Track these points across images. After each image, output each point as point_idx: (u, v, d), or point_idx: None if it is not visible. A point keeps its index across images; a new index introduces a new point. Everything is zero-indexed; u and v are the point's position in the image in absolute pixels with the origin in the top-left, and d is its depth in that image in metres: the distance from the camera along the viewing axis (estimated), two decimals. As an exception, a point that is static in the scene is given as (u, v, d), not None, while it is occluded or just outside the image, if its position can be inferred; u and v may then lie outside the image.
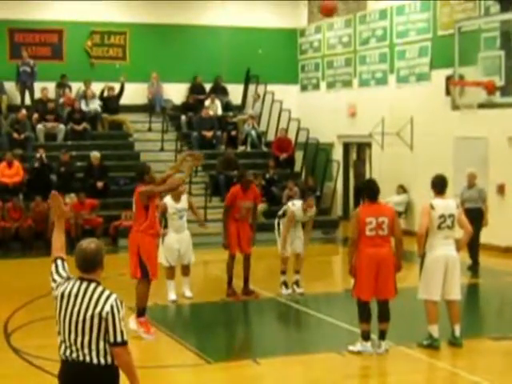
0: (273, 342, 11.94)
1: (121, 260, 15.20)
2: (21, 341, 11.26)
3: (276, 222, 14.37)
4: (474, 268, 16.55)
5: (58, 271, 5.64)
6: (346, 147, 25.23)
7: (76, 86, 24.69)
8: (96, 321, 5.34)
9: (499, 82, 16.14)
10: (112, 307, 5.38)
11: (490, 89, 16.01)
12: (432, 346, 10.47)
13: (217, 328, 12.54)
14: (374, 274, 10.18)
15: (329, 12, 20.84)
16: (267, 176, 22.82)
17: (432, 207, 10.50)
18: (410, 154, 21.70)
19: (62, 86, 24.73)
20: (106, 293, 5.46)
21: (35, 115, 23.29)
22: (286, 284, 14.23)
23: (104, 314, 5.34)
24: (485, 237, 18.78)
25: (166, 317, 12.68)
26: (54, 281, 5.58)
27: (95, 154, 21.80)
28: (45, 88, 23.97)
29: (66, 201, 20.20)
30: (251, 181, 14.23)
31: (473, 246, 15.98)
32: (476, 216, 15.49)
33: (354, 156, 25.31)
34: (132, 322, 11.29)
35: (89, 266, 5.50)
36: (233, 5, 26.31)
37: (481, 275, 15.72)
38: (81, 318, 5.37)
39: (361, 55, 24.36)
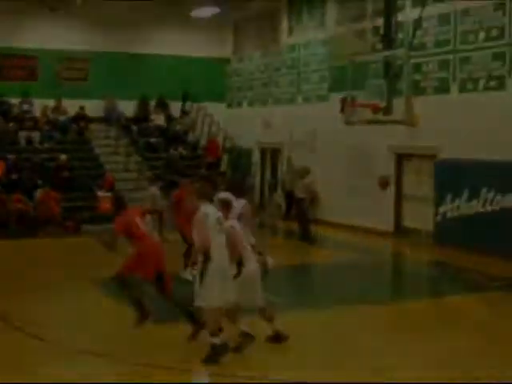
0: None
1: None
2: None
3: None
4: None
5: None
6: (263, 152, 25.42)
7: (47, 102, 24.35)
8: None
9: (382, 103, 16.43)
10: None
11: (375, 109, 16.23)
12: None
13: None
14: None
15: None
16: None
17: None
18: (312, 157, 21.82)
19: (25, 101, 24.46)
20: None
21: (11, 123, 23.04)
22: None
23: None
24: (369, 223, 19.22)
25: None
26: None
27: (62, 156, 21.63)
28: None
29: (35, 194, 19.94)
30: None
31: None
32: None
33: (268, 158, 25.48)
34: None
35: None
36: (173, 38, 26.16)
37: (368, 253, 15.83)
38: None
39: (274, 80, 24.54)
